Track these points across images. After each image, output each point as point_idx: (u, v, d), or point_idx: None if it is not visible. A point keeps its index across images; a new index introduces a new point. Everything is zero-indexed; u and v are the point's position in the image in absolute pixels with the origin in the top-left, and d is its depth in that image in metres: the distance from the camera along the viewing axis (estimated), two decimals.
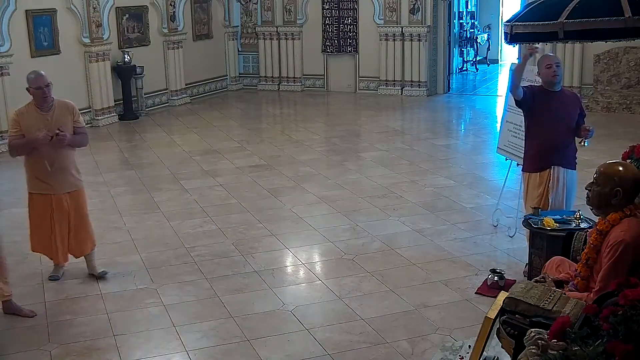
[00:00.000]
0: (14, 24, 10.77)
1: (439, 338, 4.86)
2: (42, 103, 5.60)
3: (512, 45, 5.32)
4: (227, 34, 15.87)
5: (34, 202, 5.80)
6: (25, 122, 5.57)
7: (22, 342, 4.93)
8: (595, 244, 3.85)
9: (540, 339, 3.01)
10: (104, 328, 5.12)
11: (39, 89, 5.55)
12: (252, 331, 5.01)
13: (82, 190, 5.94)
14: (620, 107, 12.61)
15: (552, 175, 5.70)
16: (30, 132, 5.54)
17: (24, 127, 5.56)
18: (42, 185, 5.71)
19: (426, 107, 13.86)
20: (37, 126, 5.55)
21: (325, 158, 10.06)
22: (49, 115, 5.62)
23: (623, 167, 3.85)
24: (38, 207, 5.78)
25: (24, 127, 5.56)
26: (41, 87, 5.55)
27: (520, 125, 6.26)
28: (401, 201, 7.88)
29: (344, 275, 5.93)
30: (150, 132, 11.91)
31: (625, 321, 2.69)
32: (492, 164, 9.45)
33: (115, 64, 12.74)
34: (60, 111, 5.69)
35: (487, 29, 20.05)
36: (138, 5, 13.39)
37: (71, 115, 5.75)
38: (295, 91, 15.62)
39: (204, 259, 6.34)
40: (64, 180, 5.75)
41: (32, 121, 5.57)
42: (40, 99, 5.58)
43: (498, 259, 6.25)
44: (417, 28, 14.41)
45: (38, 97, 5.59)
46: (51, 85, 5.61)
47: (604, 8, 4.38)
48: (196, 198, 8.16)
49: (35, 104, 5.63)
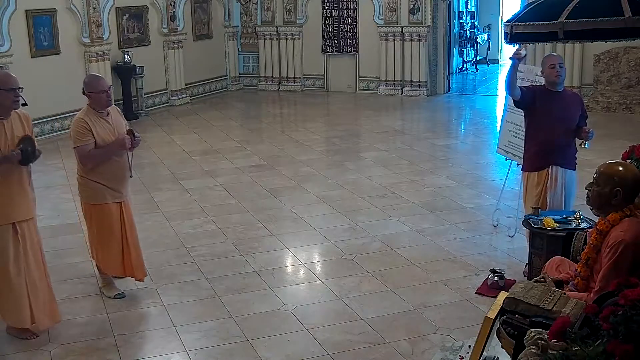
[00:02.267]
0: (14, 24, 10.77)
1: (439, 338, 4.86)
2: (104, 107, 5.35)
3: (512, 45, 5.32)
4: (227, 34, 15.87)
5: (102, 213, 5.41)
6: (95, 128, 5.27)
7: (22, 342, 4.93)
8: (595, 244, 3.85)
9: (540, 339, 3.01)
10: (104, 328, 5.12)
11: (103, 92, 5.29)
12: (252, 331, 5.01)
13: None
14: (620, 107, 12.61)
15: (551, 175, 5.70)
16: (102, 138, 5.27)
17: (95, 134, 5.25)
18: (114, 194, 5.41)
19: (426, 107, 13.86)
20: (105, 132, 5.30)
21: (325, 158, 10.06)
22: (109, 119, 5.38)
23: (623, 167, 3.85)
24: (108, 218, 5.43)
25: (96, 134, 5.25)
26: (105, 90, 5.30)
27: (520, 125, 6.26)
28: (401, 201, 7.88)
29: (344, 275, 5.93)
30: (150, 132, 11.90)
31: (625, 321, 2.69)
32: (492, 164, 9.45)
33: (115, 64, 12.75)
34: (115, 114, 5.48)
35: (487, 29, 20.06)
36: (138, 5, 13.39)
37: (123, 117, 5.60)
38: (295, 91, 15.62)
39: (204, 259, 6.34)
40: (127, 186, 5.56)
41: (100, 127, 5.30)
42: (105, 102, 5.31)
43: (498, 259, 6.25)
44: (417, 28, 14.41)
45: (102, 101, 5.30)
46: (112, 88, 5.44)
47: (604, 8, 4.38)
48: (196, 198, 8.16)
49: (95, 109, 5.32)
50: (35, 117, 7.35)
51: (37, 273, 4.95)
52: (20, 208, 4.85)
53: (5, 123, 4.77)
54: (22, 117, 4.91)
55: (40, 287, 4.97)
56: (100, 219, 5.44)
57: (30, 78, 9.91)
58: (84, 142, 5.24)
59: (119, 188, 5.44)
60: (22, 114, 4.93)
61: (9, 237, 4.80)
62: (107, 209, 5.42)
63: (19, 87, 4.79)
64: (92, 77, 5.53)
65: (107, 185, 5.38)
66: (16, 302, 4.86)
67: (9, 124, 4.79)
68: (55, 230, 7.12)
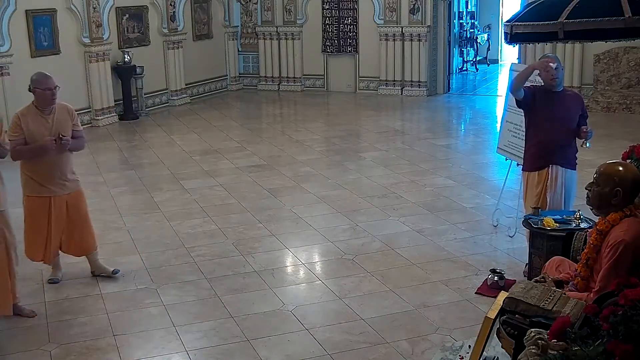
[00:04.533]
0: (14, 24, 10.77)
1: (439, 338, 4.86)
2: (47, 105, 5.48)
3: (512, 45, 5.33)
4: (227, 34, 15.87)
5: (31, 205, 5.66)
6: (27, 124, 5.42)
7: (22, 342, 4.93)
8: (595, 244, 3.85)
9: (540, 339, 3.01)
10: (104, 328, 5.12)
11: (48, 90, 5.41)
12: (252, 331, 5.01)
13: (81, 190, 5.90)
14: (620, 107, 12.61)
15: (550, 175, 5.70)
16: (33, 135, 5.41)
17: (25, 130, 5.41)
18: (41, 188, 5.59)
19: (426, 107, 13.86)
20: (39, 129, 5.44)
21: (325, 158, 10.06)
22: (50, 118, 5.51)
23: (623, 167, 3.85)
24: (36, 209, 5.65)
25: (26, 130, 5.41)
26: (51, 88, 5.43)
27: (520, 125, 6.26)
28: (401, 201, 7.88)
29: (344, 275, 5.93)
30: (150, 132, 11.91)
31: (625, 321, 2.69)
32: (492, 164, 9.45)
33: (115, 64, 12.74)
34: (60, 114, 5.58)
35: (487, 29, 20.06)
36: (138, 5, 13.39)
37: (71, 118, 5.68)
38: (295, 91, 15.62)
39: (204, 259, 6.34)
40: (64, 183, 5.69)
41: (34, 124, 5.43)
42: (49, 100, 5.46)
43: (498, 259, 6.25)
44: (417, 28, 14.41)
45: (46, 99, 5.45)
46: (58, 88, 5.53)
47: (604, 8, 4.38)
48: (196, 198, 8.16)
49: (38, 106, 5.49)
50: None
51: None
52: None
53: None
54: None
55: None
56: (28, 208, 5.70)
57: None
58: (11, 136, 5.40)
59: (48, 184, 5.61)
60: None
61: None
62: (33, 201, 5.64)
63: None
64: (41, 74, 5.59)
65: (35, 179, 5.59)
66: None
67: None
68: None
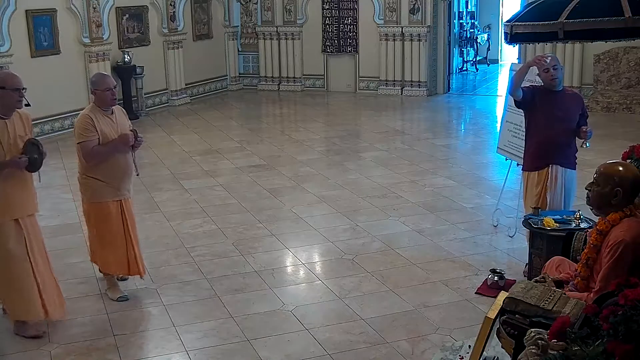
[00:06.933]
0: (14, 24, 10.77)
1: (439, 338, 4.86)
2: (108, 105, 5.35)
3: (512, 45, 5.34)
4: (227, 34, 15.87)
5: (106, 211, 5.40)
6: (100, 126, 5.27)
7: (22, 342, 4.93)
8: (595, 244, 3.85)
9: (540, 339, 3.01)
10: (104, 328, 5.12)
11: (108, 90, 5.30)
12: (252, 331, 5.01)
13: None
14: (620, 107, 12.61)
15: (550, 174, 5.70)
16: (105, 135, 5.28)
17: (99, 131, 5.26)
18: (114, 191, 5.40)
19: (426, 107, 13.86)
20: (108, 129, 5.31)
21: (325, 158, 10.06)
22: (113, 117, 5.40)
23: (623, 167, 3.86)
24: (109, 216, 5.41)
25: (100, 132, 5.26)
26: (111, 88, 5.32)
27: (520, 125, 6.26)
28: (401, 201, 7.88)
29: (344, 275, 5.93)
30: (150, 132, 11.89)
31: (625, 321, 2.69)
32: (492, 164, 9.45)
33: (115, 64, 12.74)
34: (119, 115, 5.49)
35: (487, 29, 20.06)
36: (138, 5, 13.39)
37: (127, 119, 5.61)
38: (295, 91, 15.62)
39: (204, 259, 6.34)
40: (130, 184, 5.55)
41: (104, 125, 5.30)
42: (109, 101, 5.32)
43: (498, 259, 6.25)
44: (417, 28, 14.41)
45: (106, 100, 5.32)
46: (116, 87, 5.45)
47: (604, 8, 4.38)
48: (196, 198, 8.16)
49: (100, 107, 5.33)
50: (35, 117, 7.37)
51: (43, 267, 5.01)
52: (23, 204, 4.91)
53: (8, 122, 4.81)
54: (23, 117, 4.96)
55: (48, 280, 5.04)
56: (100, 217, 5.43)
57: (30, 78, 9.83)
58: (87, 138, 5.23)
59: (119, 186, 5.43)
60: (23, 114, 4.96)
61: (13, 233, 4.83)
62: (107, 207, 5.41)
63: (23, 87, 4.84)
64: (99, 75, 5.56)
65: (107, 182, 5.38)
66: (27, 296, 4.90)
67: (11, 123, 4.83)
68: (55, 230, 7.11)
